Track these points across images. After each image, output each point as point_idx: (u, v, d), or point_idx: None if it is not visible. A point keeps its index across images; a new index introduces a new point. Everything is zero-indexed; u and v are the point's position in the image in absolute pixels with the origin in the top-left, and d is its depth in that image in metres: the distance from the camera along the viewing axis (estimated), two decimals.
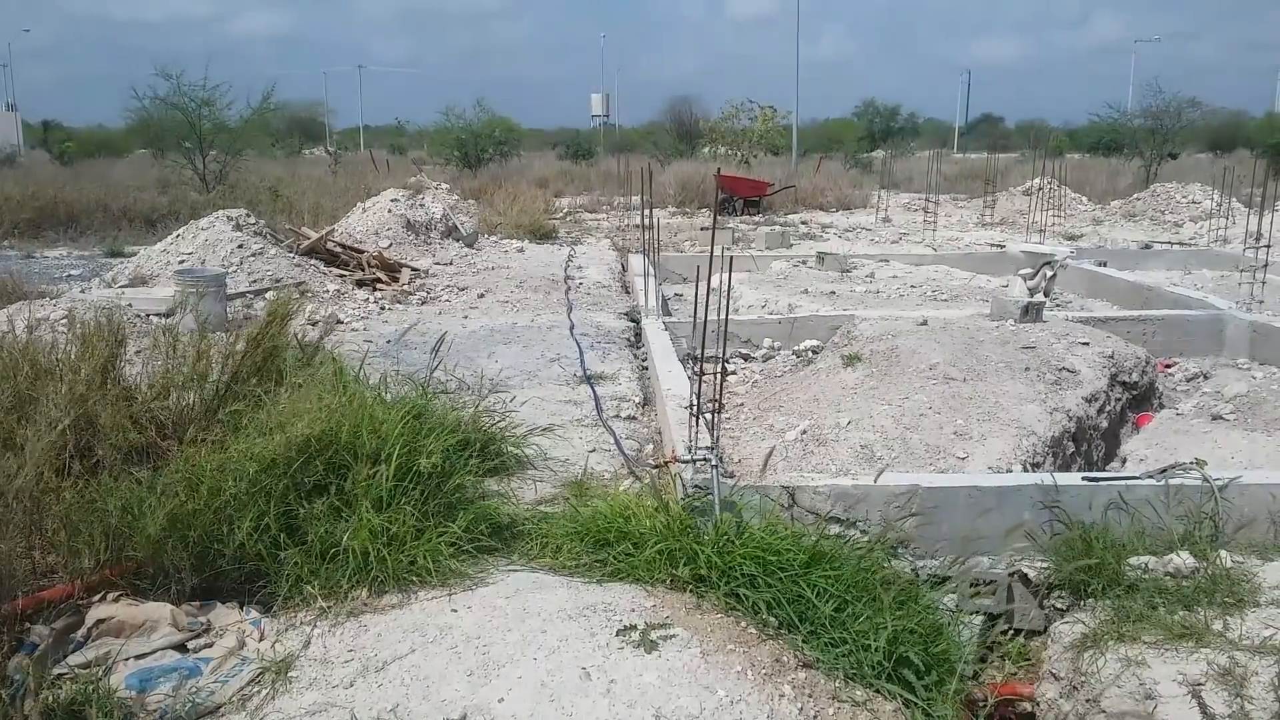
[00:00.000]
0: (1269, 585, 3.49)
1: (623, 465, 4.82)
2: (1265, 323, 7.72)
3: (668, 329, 7.52)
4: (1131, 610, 3.37)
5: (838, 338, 7.12)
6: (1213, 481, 4.11)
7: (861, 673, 2.90)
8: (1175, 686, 2.97)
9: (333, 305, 9.69)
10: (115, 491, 3.39)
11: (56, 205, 17.50)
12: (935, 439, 4.93)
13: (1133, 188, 24.04)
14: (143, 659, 3.00)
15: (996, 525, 4.07)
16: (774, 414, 5.61)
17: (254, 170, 23.05)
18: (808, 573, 3.22)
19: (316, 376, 4.50)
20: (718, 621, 3.12)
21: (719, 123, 30.70)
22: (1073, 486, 4.15)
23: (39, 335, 4.12)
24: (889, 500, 4.07)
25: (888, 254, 13.22)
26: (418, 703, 2.70)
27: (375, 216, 14.52)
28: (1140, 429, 6.07)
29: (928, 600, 3.39)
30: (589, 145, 42.53)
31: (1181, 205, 20.12)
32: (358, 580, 3.32)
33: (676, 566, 3.34)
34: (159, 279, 10.08)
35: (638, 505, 3.72)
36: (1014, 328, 6.81)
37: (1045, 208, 15.82)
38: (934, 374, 5.73)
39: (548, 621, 3.07)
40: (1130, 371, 6.42)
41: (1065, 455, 5.22)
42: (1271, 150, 29.46)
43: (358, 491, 3.51)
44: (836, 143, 41.64)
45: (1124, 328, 7.62)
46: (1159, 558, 3.67)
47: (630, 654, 2.89)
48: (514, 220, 16.89)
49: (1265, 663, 2.97)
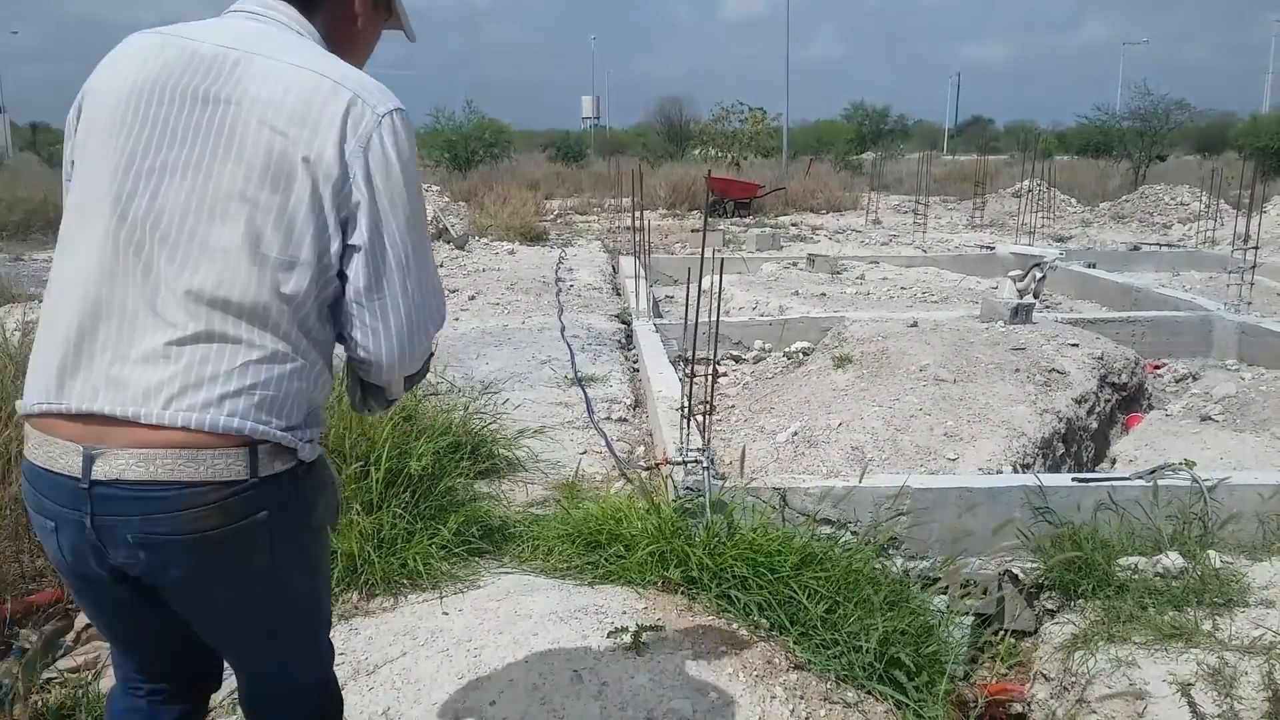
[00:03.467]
0: (1258, 585, 3.51)
1: (614, 467, 4.82)
2: (1253, 324, 7.76)
3: (659, 331, 7.53)
4: (1121, 610, 3.38)
5: (828, 339, 7.14)
6: (1202, 482, 4.12)
7: (853, 674, 2.91)
8: (1165, 686, 2.99)
9: None
10: None
11: (45, 207, 17.41)
12: (926, 440, 4.94)
13: (1121, 189, 24.15)
14: None
15: (987, 526, 4.08)
16: (765, 415, 5.61)
17: None
18: (799, 574, 3.23)
19: None
20: (709, 623, 3.12)
21: (709, 125, 30.75)
22: (1062, 487, 4.17)
23: (31, 339, 4.10)
24: (879, 501, 4.07)
25: (878, 256, 13.25)
26: (409, 705, 2.70)
27: None
28: (1130, 430, 6.09)
29: (918, 601, 3.39)
30: (580, 147, 42.52)
31: (1170, 207, 20.22)
32: (348, 583, 3.31)
33: (668, 568, 3.34)
34: None
35: (629, 507, 3.72)
36: (1004, 329, 6.83)
37: (1034, 209, 15.88)
38: (924, 375, 5.74)
39: (539, 624, 3.07)
40: (1119, 373, 6.44)
41: (1055, 456, 5.24)
42: (1259, 152, 29.60)
43: (347, 494, 3.50)
44: (827, 144, 41.67)
45: (1113, 329, 7.65)
46: (1148, 558, 3.69)
47: (622, 656, 2.89)
48: (505, 222, 16.87)
49: (1254, 662, 2.99)
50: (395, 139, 1.55)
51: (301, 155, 1.49)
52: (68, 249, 1.60)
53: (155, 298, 1.51)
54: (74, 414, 1.51)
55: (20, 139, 48.06)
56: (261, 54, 1.54)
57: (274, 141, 1.50)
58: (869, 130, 50.52)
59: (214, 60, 1.54)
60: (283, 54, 1.56)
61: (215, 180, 1.50)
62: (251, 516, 1.54)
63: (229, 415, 1.50)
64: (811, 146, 40.95)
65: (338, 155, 1.51)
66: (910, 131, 58.12)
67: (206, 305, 1.50)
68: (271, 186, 1.50)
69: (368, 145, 1.52)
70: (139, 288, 1.51)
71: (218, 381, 1.50)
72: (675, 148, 38.60)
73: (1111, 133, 33.27)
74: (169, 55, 1.56)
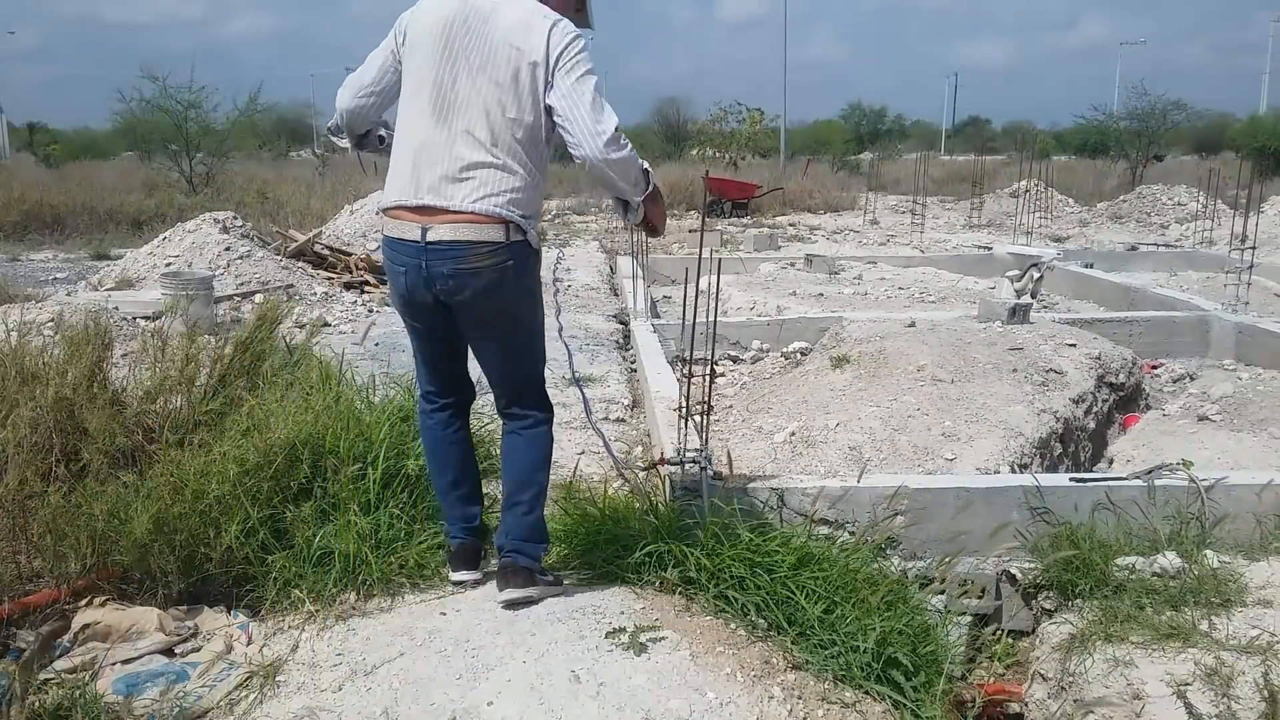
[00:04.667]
0: (1255, 585, 3.51)
1: (612, 467, 4.82)
2: (1251, 324, 7.77)
3: (656, 331, 7.53)
4: (1119, 610, 3.38)
5: (826, 339, 7.14)
6: (1199, 482, 4.13)
7: (850, 674, 2.90)
8: (1162, 686, 2.99)
9: (320, 308, 9.66)
10: (101, 495, 3.37)
11: (42, 208, 17.40)
12: (923, 440, 4.94)
13: (1119, 190, 24.19)
14: (129, 664, 2.98)
15: (984, 526, 4.08)
16: (763, 416, 5.61)
17: (241, 172, 22.99)
18: (796, 574, 3.23)
19: (303, 379, 4.49)
20: (707, 623, 3.12)
21: (707, 125, 30.74)
22: (1060, 487, 4.17)
23: (27, 340, 4.09)
24: (877, 501, 4.07)
25: (875, 256, 13.25)
26: (407, 706, 2.70)
27: (363, 219, 14.49)
28: (1127, 430, 6.10)
29: (916, 601, 3.39)
30: None
31: (1167, 207, 20.25)
32: (346, 584, 3.31)
33: (666, 568, 3.34)
34: (145, 282, 10.03)
35: (627, 507, 3.72)
36: (1001, 329, 6.83)
37: (1032, 210, 15.90)
38: (922, 375, 5.74)
39: (537, 624, 3.07)
40: (1117, 372, 6.45)
41: (1053, 456, 5.24)
42: (1256, 152, 29.64)
43: (344, 494, 3.50)
44: (824, 145, 41.70)
45: (1110, 329, 7.66)
46: (1146, 558, 3.69)
47: (620, 656, 2.89)
48: None
49: (1251, 662, 2.99)
50: (562, 34, 2.87)
51: (528, 60, 2.85)
52: (406, 111, 2.96)
53: (455, 141, 2.87)
54: (414, 206, 2.88)
55: (17, 139, 48.01)
56: (504, 5, 2.90)
57: (512, 54, 2.85)
58: (866, 130, 50.60)
59: (480, 8, 2.90)
60: (515, 5, 2.91)
61: (485, 75, 2.87)
62: (505, 263, 2.91)
63: (494, 206, 2.86)
64: (809, 147, 41.00)
65: (544, 52, 2.85)
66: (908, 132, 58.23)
67: (481, 144, 2.86)
68: (512, 79, 2.86)
69: (554, 41, 2.85)
70: (446, 134, 2.88)
71: (489, 187, 2.86)
72: (673, 148, 38.66)
73: (1109, 133, 33.31)
74: (454, 5, 2.91)
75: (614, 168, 2.88)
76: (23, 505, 3.31)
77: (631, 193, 3.01)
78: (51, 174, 25.57)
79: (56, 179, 22.57)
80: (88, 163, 30.69)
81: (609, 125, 2.85)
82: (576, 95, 2.84)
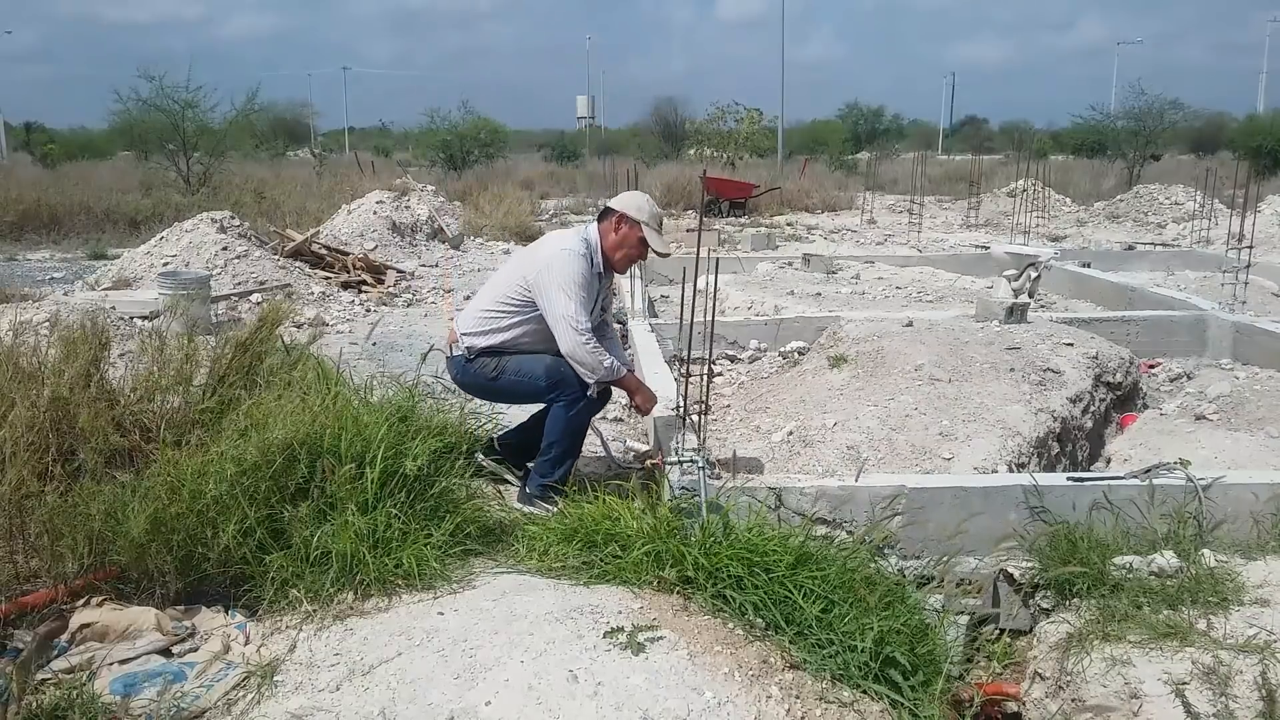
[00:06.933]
0: (1252, 584, 3.51)
1: (610, 467, 4.82)
2: (1248, 323, 7.77)
3: (654, 330, 7.53)
4: (1116, 610, 3.38)
5: (824, 339, 7.13)
6: (1196, 481, 4.13)
7: (848, 673, 2.90)
8: (1160, 685, 2.99)
9: (318, 307, 9.66)
10: (98, 495, 3.37)
11: (39, 208, 17.37)
12: (921, 440, 4.94)
13: (1116, 189, 24.24)
14: (127, 664, 2.98)
15: (982, 525, 4.08)
16: (760, 415, 5.61)
17: (238, 172, 22.95)
18: (794, 574, 3.23)
19: (301, 379, 4.48)
20: (705, 623, 3.12)
21: (705, 124, 30.75)
22: (1058, 487, 4.17)
23: (23, 339, 4.08)
24: (875, 501, 4.07)
25: (873, 255, 13.26)
26: (404, 706, 2.69)
27: (360, 218, 14.50)
28: (1124, 429, 6.09)
29: (914, 601, 3.39)
30: (575, 147, 42.54)
31: (1164, 206, 20.29)
32: (343, 584, 3.30)
33: (664, 568, 3.34)
34: (143, 281, 10.03)
35: (625, 507, 3.72)
36: (999, 329, 6.84)
37: (1029, 209, 15.92)
38: (920, 375, 5.74)
39: (535, 624, 3.06)
40: (1114, 372, 6.45)
41: (1050, 455, 5.24)
42: (1253, 152, 29.69)
43: (342, 494, 3.49)
44: (822, 144, 41.72)
45: (1108, 328, 7.66)
46: (1143, 557, 3.69)
47: (617, 656, 2.89)
48: (500, 222, 16.88)
49: (1249, 661, 2.99)
50: (550, 266, 4.17)
51: (525, 275, 4.24)
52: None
53: (479, 302, 4.41)
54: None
55: (15, 139, 47.97)
56: (548, 238, 4.50)
57: (521, 270, 4.30)
58: (864, 130, 50.61)
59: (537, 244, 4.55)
60: (553, 238, 4.44)
61: (501, 277, 4.42)
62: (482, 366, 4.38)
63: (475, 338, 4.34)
64: (807, 146, 41.02)
65: (537, 274, 4.18)
66: (905, 131, 58.25)
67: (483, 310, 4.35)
68: (520, 285, 4.24)
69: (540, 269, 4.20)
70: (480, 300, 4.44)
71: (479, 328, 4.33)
72: (670, 147, 38.66)
73: (1106, 132, 33.35)
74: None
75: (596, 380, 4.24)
76: (20, 505, 3.31)
77: (591, 380, 4.22)
78: (48, 174, 25.53)
79: (53, 179, 22.53)
80: (85, 162, 30.67)
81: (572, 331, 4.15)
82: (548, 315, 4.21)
